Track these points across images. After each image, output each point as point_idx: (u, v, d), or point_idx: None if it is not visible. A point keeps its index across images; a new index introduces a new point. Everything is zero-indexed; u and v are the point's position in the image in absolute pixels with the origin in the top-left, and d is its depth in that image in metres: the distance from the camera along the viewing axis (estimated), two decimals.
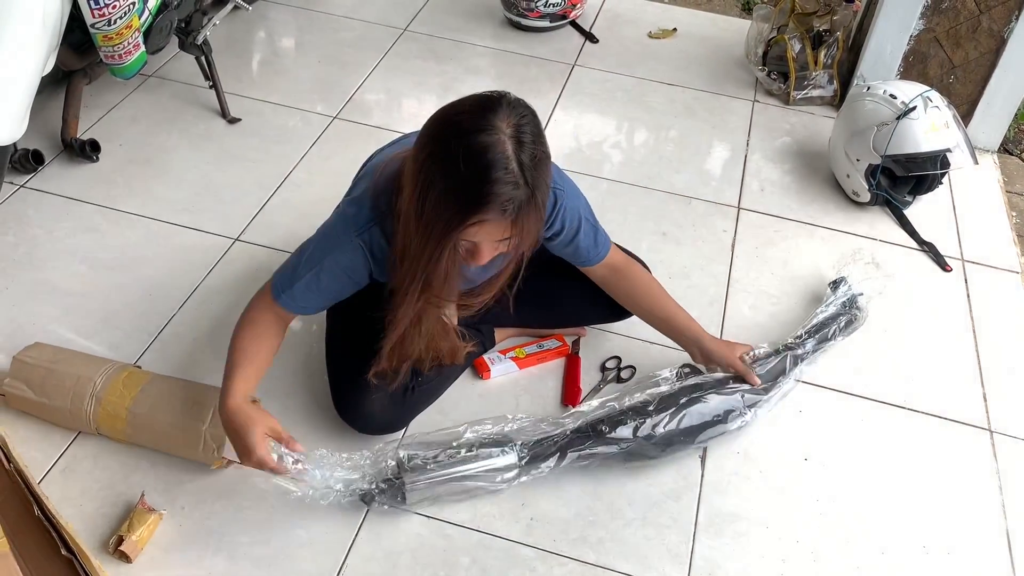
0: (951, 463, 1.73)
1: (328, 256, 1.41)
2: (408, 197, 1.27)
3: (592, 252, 1.60)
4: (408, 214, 1.28)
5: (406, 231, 1.30)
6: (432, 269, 1.30)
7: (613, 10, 3.15)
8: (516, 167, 1.20)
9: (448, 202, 1.21)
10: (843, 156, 2.33)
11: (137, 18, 1.96)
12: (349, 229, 1.40)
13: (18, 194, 2.12)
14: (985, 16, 2.43)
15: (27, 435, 1.59)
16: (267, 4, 2.95)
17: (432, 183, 1.22)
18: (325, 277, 1.42)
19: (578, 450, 1.57)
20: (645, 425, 1.59)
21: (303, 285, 1.43)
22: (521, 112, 1.24)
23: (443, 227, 1.24)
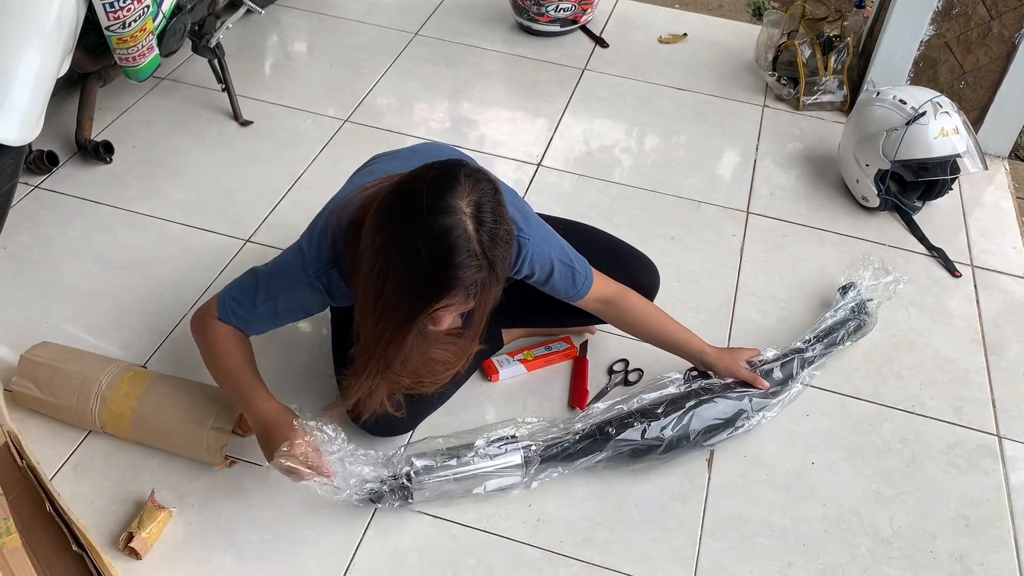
0: (959, 468, 1.73)
1: (284, 293, 1.42)
2: (365, 275, 1.24)
3: (571, 290, 1.56)
4: (366, 292, 1.25)
5: (363, 307, 1.28)
6: (392, 352, 1.29)
7: (623, 15, 3.16)
8: (478, 248, 1.17)
9: (409, 288, 1.19)
10: (853, 161, 2.33)
11: (151, 21, 1.98)
12: (307, 268, 1.38)
13: (32, 195, 2.14)
14: (996, 22, 2.42)
15: (39, 432, 1.61)
16: (280, 8, 2.97)
17: (391, 267, 1.19)
18: (281, 310, 1.44)
19: (587, 457, 1.57)
20: (652, 427, 1.59)
21: (259, 314, 1.44)
22: (481, 187, 1.20)
23: (404, 313, 1.22)
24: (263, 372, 1.76)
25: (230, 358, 1.46)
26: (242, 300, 1.45)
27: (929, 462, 1.73)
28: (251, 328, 1.48)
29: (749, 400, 1.66)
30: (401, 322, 1.24)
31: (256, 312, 1.44)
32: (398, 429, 1.64)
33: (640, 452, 1.59)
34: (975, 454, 1.76)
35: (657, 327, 1.70)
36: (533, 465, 1.56)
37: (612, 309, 1.65)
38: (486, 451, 1.54)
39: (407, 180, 1.23)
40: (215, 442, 1.53)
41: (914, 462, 1.73)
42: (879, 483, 1.68)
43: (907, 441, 1.77)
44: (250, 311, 1.44)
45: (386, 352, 1.29)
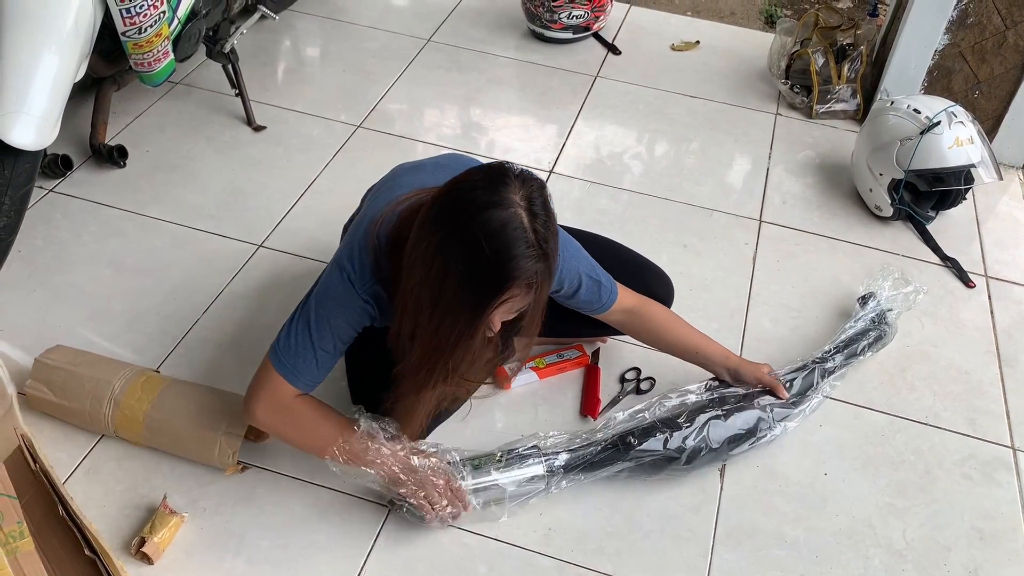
0: (973, 481, 1.72)
1: (336, 317, 1.38)
2: (419, 282, 1.24)
3: (596, 304, 1.57)
4: (420, 300, 1.25)
5: (418, 316, 1.27)
6: (459, 354, 1.29)
7: (636, 22, 3.16)
8: (533, 238, 1.19)
9: (473, 285, 1.20)
10: (866, 170, 2.32)
11: (167, 26, 1.99)
12: (354, 285, 1.37)
13: (47, 198, 2.15)
14: (1011, 31, 2.41)
15: (52, 436, 1.61)
16: (293, 14, 2.98)
17: (451, 267, 1.19)
18: (338, 338, 1.39)
19: (608, 467, 1.57)
20: (675, 437, 1.58)
21: (321, 360, 1.40)
22: (530, 183, 1.22)
23: (470, 313, 1.22)
24: None
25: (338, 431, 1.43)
26: (302, 353, 1.39)
27: (943, 474, 1.72)
28: (312, 383, 1.43)
29: (770, 410, 1.66)
30: (468, 322, 1.23)
31: (320, 357, 1.39)
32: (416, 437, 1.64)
33: (661, 463, 1.59)
34: (989, 466, 1.75)
35: (679, 337, 1.70)
36: (557, 476, 1.55)
37: (635, 319, 1.65)
38: (508, 462, 1.53)
39: (456, 183, 1.24)
40: (227, 447, 1.53)
41: (928, 474, 1.72)
42: (892, 495, 1.67)
43: (921, 453, 1.76)
44: (311, 361, 1.39)
45: (452, 356, 1.28)
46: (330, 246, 2.04)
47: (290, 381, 1.40)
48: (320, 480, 1.59)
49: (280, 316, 1.86)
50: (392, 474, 1.44)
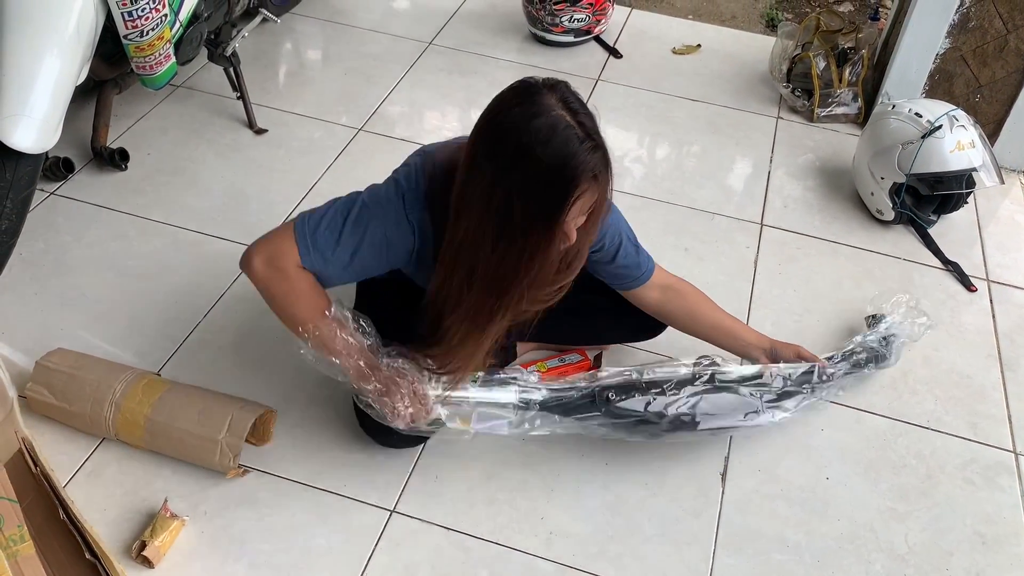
0: (975, 485, 1.71)
1: (375, 223, 1.35)
2: (482, 212, 1.24)
3: (635, 271, 1.58)
4: (477, 241, 1.26)
5: (475, 258, 1.28)
6: (535, 274, 1.28)
7: (637, 26, 3.16)
8: (582, 132, 1.20)
9: (541, 198, 1.21)
10: (867, 174, 2.32)
11: (168, 30, 1.99)
12: (405, 200, 1.36)
13: (48, 201, 2.15)
14: (1012, 35, 2.41)
15: (53, 439, 1.61)
16: (295, 17, 2.99)
17: (513, 190, 1.21)
18: (365, 247, 1.36)
19: (585, 414, 1.55)
20: (657, 402, 1.56)
21: (340, 252, 1.36)
22: (555, 85, 1.25)
23: (545, 224, 1.23)
24: (279, 379, 1.77)
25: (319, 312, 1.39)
26: (324, 231, 1.35)
27: (945, 478, 1.72)
28: (328, 275, 1.39)
29: (760, 397, 1.63)
30: (544, 234, 1.24)
31: (336, 253, 1.36)
32: (411, 442, 1.64)
33: (638, 425, 1.56)
34: (991, 471, 1.74)
35: (717, 319, 1.69)
36: (531, 411, 1.52)
37: (672, 298, 1.64)
38: (485, 383, 1.51)
39: (490, 113, 1.25)
40: (228, 451, 1.53)
41: (929, 478, 1.72)
42: (894, 499, 1.67)
43: (922, 457, 1.76)
44: (332, 248, 1.35)
45: (525, 278, 1.28)
46: None
47: (301, 251, 1.35)
48: (322, 484, 1.59)
49: None
50: (357, 368, 1.41)
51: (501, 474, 1.64)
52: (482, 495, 1.61)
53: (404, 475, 1.62)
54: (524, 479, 1.64)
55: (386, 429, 1.57)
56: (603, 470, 1.67)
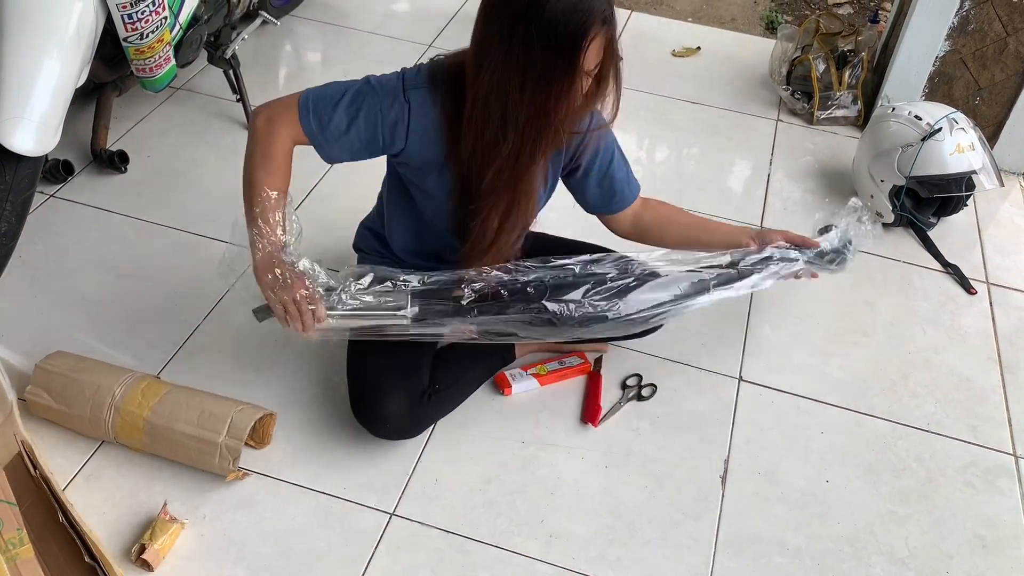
0: (976, 488, 1.71)
1: (371, 98, 1.41)
2: (502, 72, 1.30)
3: (627, 188, 1.63)
4: (504, 88, 1.31)
5: (504, 105, 1.32)
6: (564, 110, 1.33)
7: (637, 28, 3.16)
8: None
9: (556, 41, 1.26)
10: (867, 177, 2.32)
11: (168, 32, 1.99)
12: (403, 80, 1.43)
13: (47, 203, 2.15)
14: (1012, 38, 2.42)
15: (52, 442, 1.61)
16: (295, 19, 2.99)
17: (529, 36, 1.26)
18: (361, 118, 1.41)
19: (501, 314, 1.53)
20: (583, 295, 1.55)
21: (339, 117, 1.41)
22: None
23: (565, 67, 1.28)
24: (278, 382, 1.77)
25: (276, 169, 1.42)
26: (326, 98, 1.42)
27: (945, 481, 1.72)
28: (325, 141, 1.43)
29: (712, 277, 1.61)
30: (564, 78, 1.29)
31: (334, 119, 1.41)
32: (406, 432, 1.64)
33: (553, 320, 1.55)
34: (991, 473, 1.74)
35: (691, 218, 1.74)
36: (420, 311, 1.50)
37: (645, 211, 1.68)
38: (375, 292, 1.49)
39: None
40: (228, 454, 1.52)
41: (930, 481, 1.72)
42: (894, 502, 1.67)
43: (923, 460, 1.75)
44: (327, 117, 1.41)
45: (556, 115, 1.33)
46: (331, 251, 2.05)
47: (300, 112, 1.41)
48: (321, 487, 1.59)
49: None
50: (267, 256, 1.40)
51: (500, 477, 1.64)
52: (481, 498, 1.60)
53: (404, 478, 1.62)
54: (523, 482, 1.64)
55: (381, 419, 1.59)
56: (603, 472, 1.67)
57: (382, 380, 1.59)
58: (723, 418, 1.79)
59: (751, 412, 1.81)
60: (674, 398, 1.82)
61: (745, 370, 1.90)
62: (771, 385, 1.87)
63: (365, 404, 1.61)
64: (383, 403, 1.59)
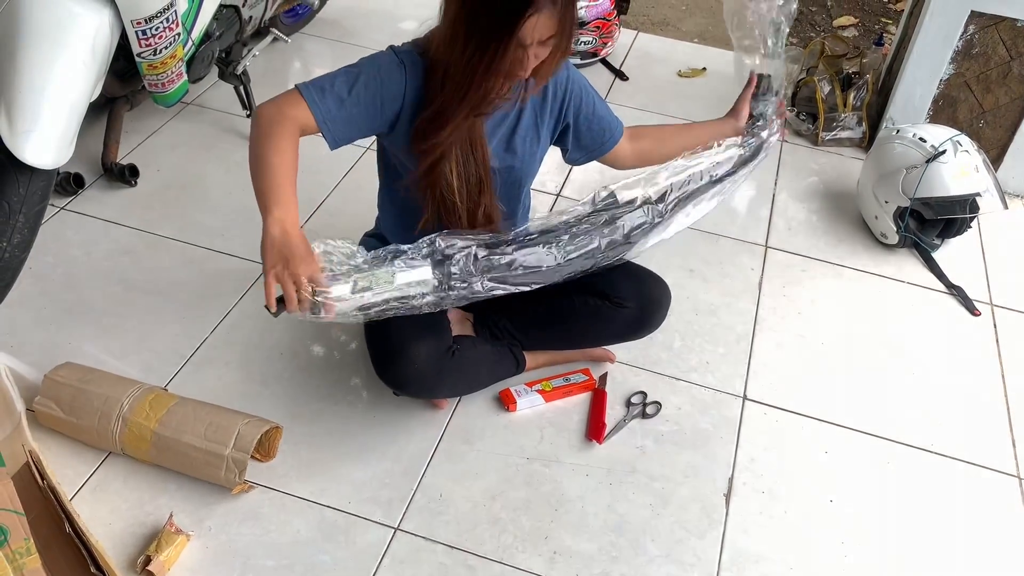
0: (979, 509, 1.71)
1: (368, 67, 1.45)
2: (455, 13, 1.35)
3: (614, 121, 1.70)
4: (455, 29, 1.36)
5: (451, 54, 1.38)
6: (493, 71, 1.37)
7: (643, 48, 3.19)
8: None
9: (502, 4, 1.31)
10: (872, 198, 2.33)
11: (181, 48, 2.02)
12: (390, 50, 1.48)
13: (58, 216, 2.17)
14: (1016, 62, 2.43)
15: (59, 453, 1.62)
16: (305, 36, 3.02)
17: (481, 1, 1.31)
18: (360, 83, 1.43)
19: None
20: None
21: (339, 84, 1.43)
22: None
23: (502, 29, 1.32)
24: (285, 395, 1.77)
25: (282, 152, 1.41)
26: (322, 77, 1.45)
27: (949, 503, 1.72)
28: (326, 111, 1.43)
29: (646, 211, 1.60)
30: (499, 42, 1.33)
31: (335, 87, 1.43)
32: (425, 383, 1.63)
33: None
34: (996, 496, 1.74)
35: (679, 127, 1.81)
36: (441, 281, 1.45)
37: (639, 136, 1.76)
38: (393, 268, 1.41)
39: None
40: (234, 466, 1.53)
41: (932, 501, 1.72)
42: (898, 522, 1.67)
43: (925, 480, 1.76)
44: (328, 87, 1.43)
45: (486, 77, 1.37)
46: None
47: (300, 87, 1.43)
48: (326, 501, 1.59)
49: (288, 336, 1.89)
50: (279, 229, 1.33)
51: (505, 493, 1.65)
52: (486, 514, 1.61)
53: (408, 493, 1.63)
54: (528, 498, 1.64)
55: (405, 367, 1.58)
56: (607, 489, 1.67)
57: (409, 331, 1.57)
58: (727, 437, 1.80)
59: (755, 431, 1.82)
60: (678, 416, 1.83)
61: (749, 389, 1.91)
62: (775, 404, 1.88)
63: (391, 355, 1.58)
64: (410, 351, 1.56)
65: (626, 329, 1.81)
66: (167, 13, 1.88)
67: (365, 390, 1.80)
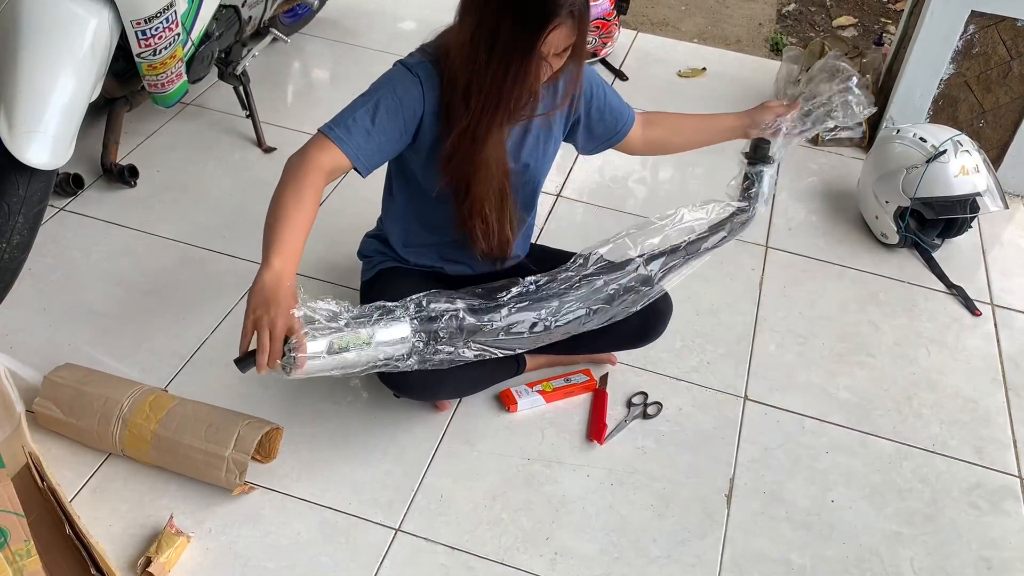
0: (981, 510, 1.71)
1: (384, 89, 1.46)
2: (470, 38, 1.37)
3: (625, 108, 1.71)
4: (476, 51, 1.37)
5: (470, 72, 1.39)
6: (517, 87, 1.39)
7: (643, 49, 3.18)
8: None
9: (523, 19, 1.32)
10: (872, 198, 2.33)
11: (181, 48, 2.01)
12: (405, 64, 1.49)
13: (57, 217, 2.16)
14: (1016, 62, 2.43)
15: (59, 454, 1.61)
16: (304, 37, 3.01)
17: (502, 14, 1.33)
18: (382, 109, 1.44)
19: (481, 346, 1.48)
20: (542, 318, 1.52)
21: (361, 115, 1.44)
22: None
23: (525, 43, 1.34)
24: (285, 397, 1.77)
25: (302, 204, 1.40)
26: (342, 112, 1.46)
27: (950, 503, 1.72)
28: (356, 147, 1.43)
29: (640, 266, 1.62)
30: (523, 55, 1.35)
31: (358, 121, 1.43)
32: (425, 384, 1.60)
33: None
34: (997, 495, 1.74)
35: (694, 120, 1.83)
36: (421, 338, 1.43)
37: (653, 125, 1.78)
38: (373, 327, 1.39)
39: None
40: (234, 467, 1.53)
41: (935, 502, 1.72)
42: (900, 523, 1.67)
43: (928, 481, 1.75)
44: (352, 123, 1.43)
45: (512, 91, 1.40)
46: (339, 266, 2.06)
47: (324, 129, 1.44)
48: (326, 502, 1.59)
49: None
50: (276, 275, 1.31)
51: (506, 494, 1.64)
52: (487, 515, 1.61)
53: (409, 494, 1.62)
54: (529, 499, 1.64)
55: (401, 378, 1.55)
56: (608, 490, 1.67)
57: None
58: (728, 437, 1.80)
59: (756, 431, 1.82)
60: (679, 417, 1.82)
61: (750, 389, 1.90)
62: (776, 405, 1.88)
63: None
64: None
65: (628, 338, 1.81)
66: (167, 13, 1.88)
67: (365, 391, 1.80)
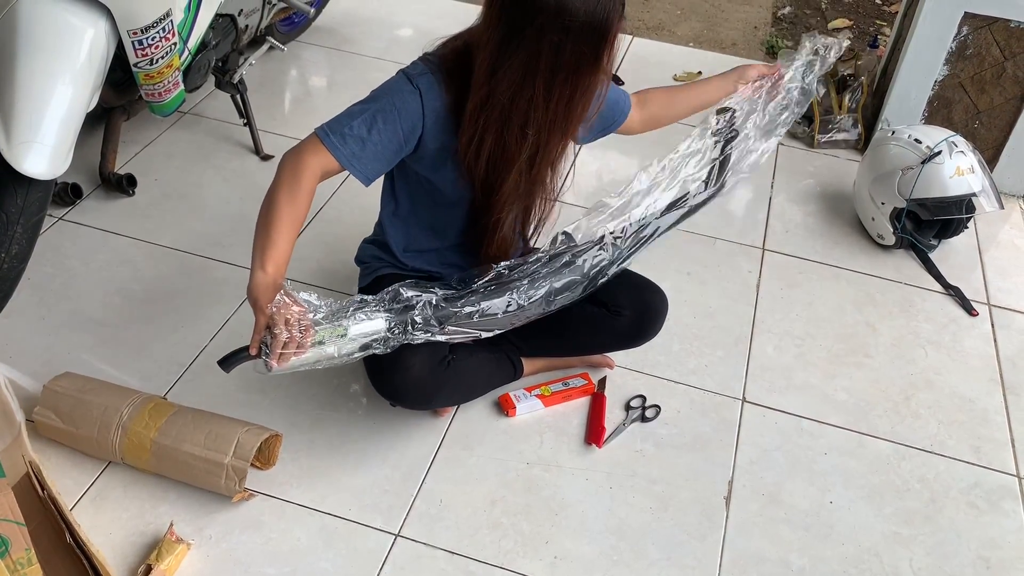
0: (979, 509, 1.72)
1: (383, 99, 1.45)
2: (523, 76, 1.36)
3: (622, 96, 1.74)
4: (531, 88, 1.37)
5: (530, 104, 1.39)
6: (589, 104, 1.44)
7: (639, 53, 3.19)
8: None
9: (585, 39, 1.34)
10: (868, 199, 2.34)
11: (177, 57, 2.02)
12: (407, 74, 1.48)
13: (56, 226, 2.17)
14: (1010, 62, 2.44)
15: (59, 462, 1.62)
16: (301, 45, 3.02)
17: (561, 38, 1.32)
18: (379, 120, 1.44)
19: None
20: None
21: (357, 124, 1.43)
22: None
23: (593, 61, 1.37)
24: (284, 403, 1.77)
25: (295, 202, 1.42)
26: (340, 118, 1.46)
27: (948, 502, 1.72)
28: (350, 155, 1.44)
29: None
30: (592, 72, 1.39)
31: (354, 129, 1.43)
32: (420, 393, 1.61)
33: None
34: (995, 495, 1.75)
35: (686, 90, 1.86)
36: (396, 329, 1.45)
37: (647, 102, 1.81)
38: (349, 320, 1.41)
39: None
40: (234, 474, 1.53)
41: (933, 502, 1.72)
42: (898, 523, 1.67)
43: (926, 481, 1.76)
44: (348, 131, 1.43)
45: (581, 113, 1.44)
46: (337, 274, 2.07)
47: (319, 134, 1.44)
48: (326, 508, 1.60)
49: None
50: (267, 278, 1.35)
51: (505, 498, 1.65)
52: (486, 519, 1.61)
53: (409, 499, 1.63)
54: (528, 503, 1.64)
55: (400, 380, 1.57)
56: (607, 493, 1.67)
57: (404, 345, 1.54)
58: (727, 439, 1.80)
59: (754, 433, 1.82)
60: (678, 419, 1.83)
61: (748, 391, 1.91)
62: (774, 406, 1.88)
63: (386, 367, 1.57)
64: (405, 362, 1.54)
65: (623, 337, 1.82)
66: (163, 23, 1.88)
67: (364, 397, 1.80)
